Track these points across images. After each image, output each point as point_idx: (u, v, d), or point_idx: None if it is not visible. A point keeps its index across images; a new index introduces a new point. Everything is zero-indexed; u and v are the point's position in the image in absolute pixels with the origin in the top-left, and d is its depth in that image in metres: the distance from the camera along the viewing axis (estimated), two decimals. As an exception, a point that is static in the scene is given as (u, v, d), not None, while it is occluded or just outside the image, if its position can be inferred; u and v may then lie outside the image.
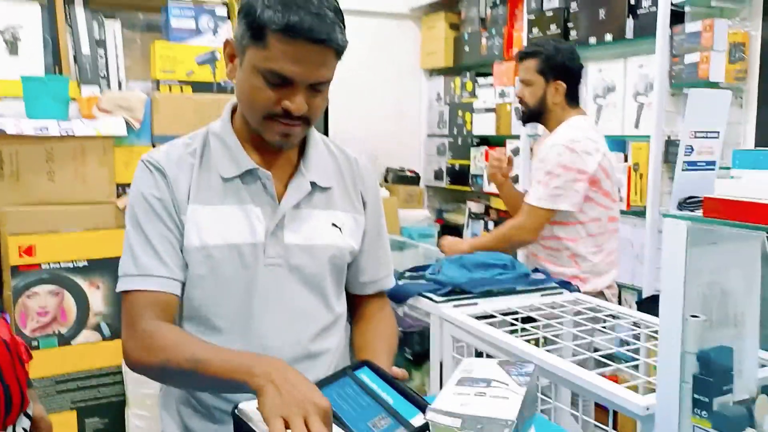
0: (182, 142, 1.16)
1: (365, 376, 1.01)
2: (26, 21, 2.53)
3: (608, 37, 2.89)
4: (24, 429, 0.97)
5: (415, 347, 2.18)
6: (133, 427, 2.44)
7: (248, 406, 0.94)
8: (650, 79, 2.69)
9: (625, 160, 2.85)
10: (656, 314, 1.64)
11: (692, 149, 1.18)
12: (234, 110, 1.18)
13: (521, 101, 2.26)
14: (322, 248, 1.15)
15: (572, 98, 2.21)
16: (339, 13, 1.04)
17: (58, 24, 2.59)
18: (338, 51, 1.05)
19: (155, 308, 1.07)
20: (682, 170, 1.16)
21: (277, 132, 1.07)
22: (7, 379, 0.90)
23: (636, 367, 1.46)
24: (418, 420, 0.89)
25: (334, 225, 1.17)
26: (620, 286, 2.81)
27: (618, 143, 2.90)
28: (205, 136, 1.16)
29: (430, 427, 0.83)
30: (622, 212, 2.79)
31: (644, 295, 2.67)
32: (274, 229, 1.11)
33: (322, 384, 1.00)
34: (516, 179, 3.34)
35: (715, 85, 2.48)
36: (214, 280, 1.10)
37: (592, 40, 2.97)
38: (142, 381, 2.26)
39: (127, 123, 2.53)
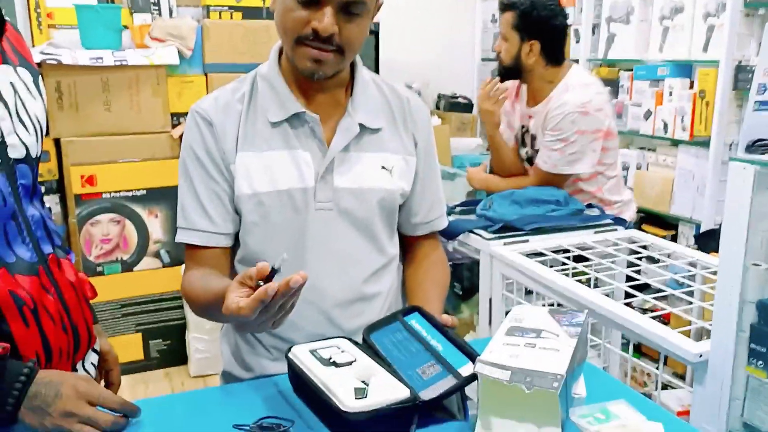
0: (231, 87, 1.16)
1: (415, 321, 1.02)
2: (76, -53, 2.52)
3: (679, -48, 2.68)
4: (92, 364, 1.04)
5: (464, 282, 2.19)
6: (194, 349, 2.57)
7: (301, 350, 0.96)
8: (723, -1, 2.51)
9: (691, 86, 2.70)
10: (714, 249, 1.60)
11: (766, 88, 1.10)
12: (281, 53, 1.15)
13: (497, 56, 2.11)
14: (371, 191, 1.14)
15: (551, 58, 2.03)
16: None
17: (107, -51, 2.57)
18: None
19: (199, 260, 1.12)
20: (753, 110, 1.09)
21: (308, 57, 1.05)
22: (75, 320, 0.95)
23: (690, 308, 1.43)
24: (466, 369, 0.90)
25: (383, 167, 1.15)
26: (678, 219, 2.74)
27: (684, 68, 2.73)
28: (253, 79, 1.15)
29: (479, 379, 0.84)
30: (685, 143, 2.68)
31: (703, 229, 2.59)
32: (324, 172, 1.11)
33: (372, 329, 1.02)
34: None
35: (795, 6, 2.29)
36: (266, 226, 1.11)
37: (662, -45, 2.76)
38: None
39: (179, 51, 2.54)
